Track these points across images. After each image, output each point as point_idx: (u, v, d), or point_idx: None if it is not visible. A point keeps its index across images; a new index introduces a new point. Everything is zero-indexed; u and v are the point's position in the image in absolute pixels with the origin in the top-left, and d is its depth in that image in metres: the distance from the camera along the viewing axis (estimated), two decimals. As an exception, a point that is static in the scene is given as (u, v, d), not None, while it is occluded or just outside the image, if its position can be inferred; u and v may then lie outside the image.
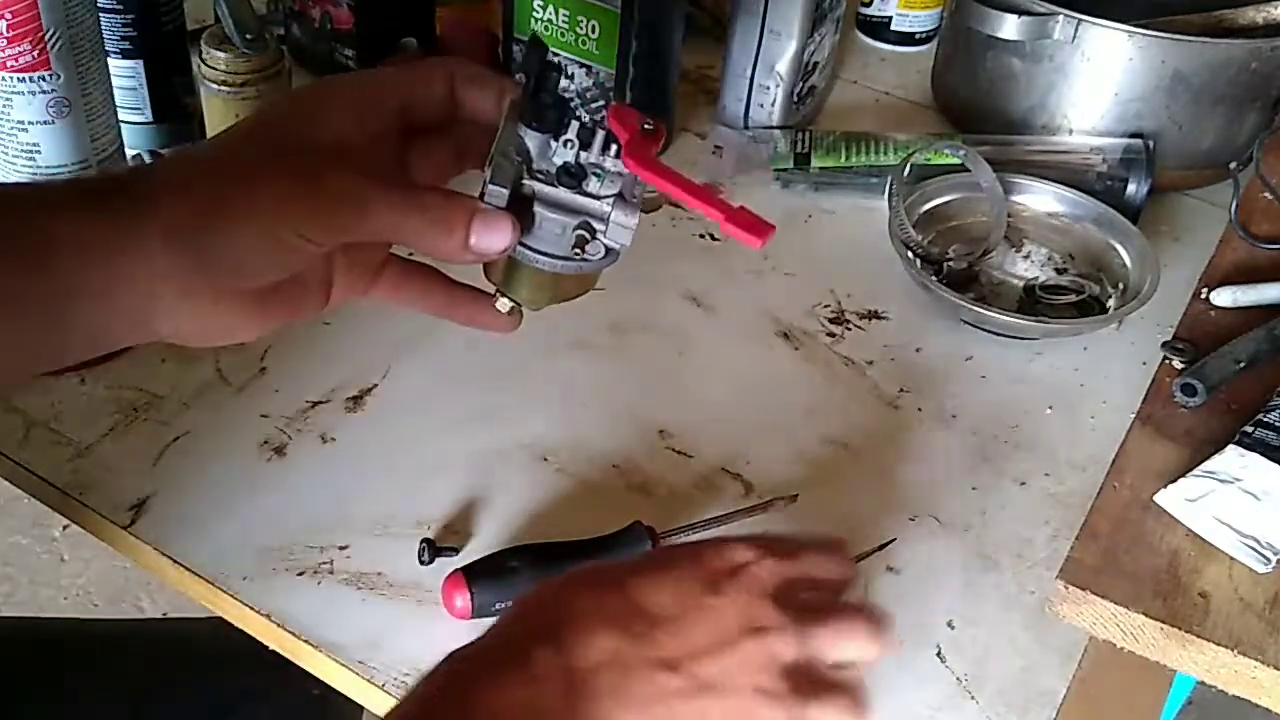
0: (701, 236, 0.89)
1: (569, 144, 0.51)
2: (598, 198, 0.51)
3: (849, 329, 0.83)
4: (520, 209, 0.51)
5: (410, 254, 0.55)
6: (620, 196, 0.51)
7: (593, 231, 0.51)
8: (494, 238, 0.49)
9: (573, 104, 0.91)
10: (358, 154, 0.50)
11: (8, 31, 0.70)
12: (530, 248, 0.52)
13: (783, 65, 0.97)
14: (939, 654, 0.63)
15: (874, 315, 0.84)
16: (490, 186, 0.49)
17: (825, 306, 0.84)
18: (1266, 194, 0.89)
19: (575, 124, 0.51)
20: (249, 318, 0.51)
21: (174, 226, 0.48)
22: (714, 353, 0.80)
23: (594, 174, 0.51)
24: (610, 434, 0.72)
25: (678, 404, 0.75)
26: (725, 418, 0.75)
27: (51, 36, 0.71)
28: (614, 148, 0.51)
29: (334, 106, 0.51)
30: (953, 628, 0.64)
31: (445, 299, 0.58)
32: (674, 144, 0.98)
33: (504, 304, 0.55)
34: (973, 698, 0.61)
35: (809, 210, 0.94)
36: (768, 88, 0.98)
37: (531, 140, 0.51)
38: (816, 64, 1.00)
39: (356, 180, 0.48)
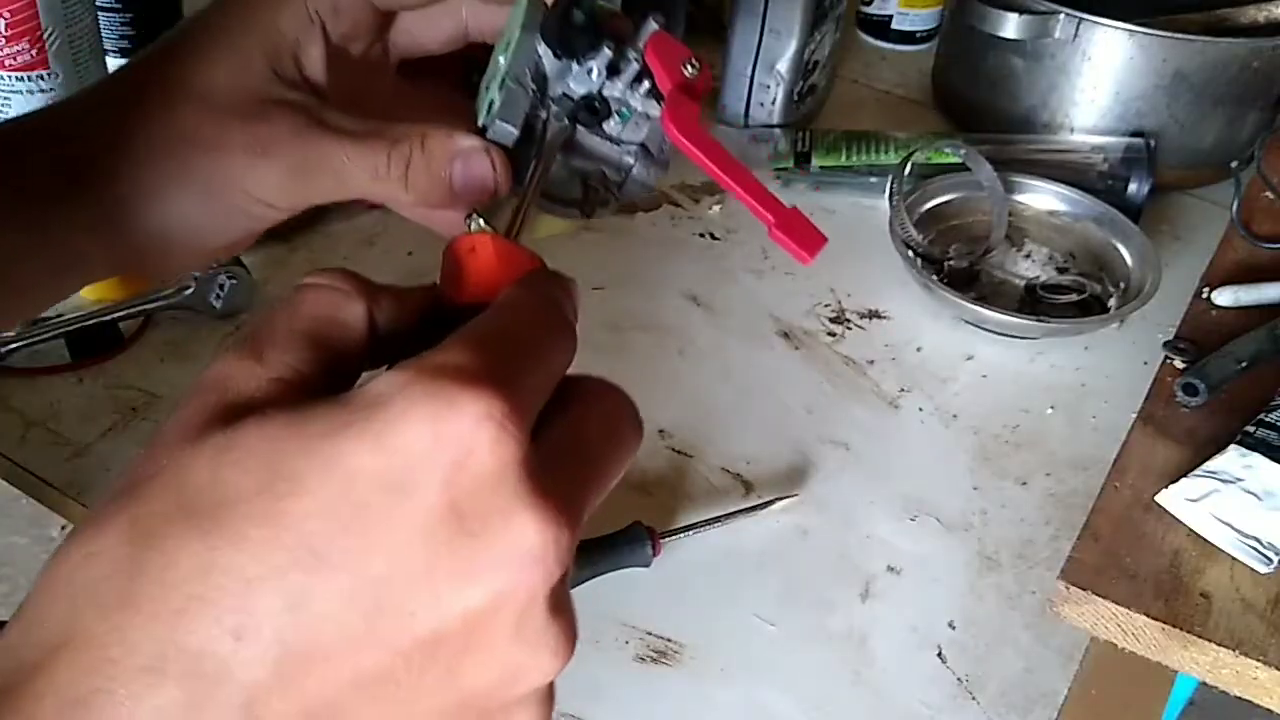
0: (701, 236, 0.89)
1: (593, 71, 0.43)
2: (618, 143, 0.44)
3: (849, 328, 0.82)
4: (523, 142, 0.43)
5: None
6: (644, 148, 0.44)
7: (606, 184, 0.44)
8: (482, 184, 0.43)
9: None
10: (311, 77, 0.45)
11: (6, 30, 0.70)
12: None
13: (783, 64, 0.96)
14: (940, 654, 0.62)
15: (874, 315, 0.84)
16: (498, 123, 0.42)
17: (826, 306, 0.84)
18: (1268, 193, 0.89)
19: (606, 50, 0.42)
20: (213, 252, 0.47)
21: (112, 208, 0.44)
22: (714, 353, 0.80)
23: (617, 112, 0.43)
24: (610, 434, 0.72)
25: (678, 404, 0.75)
26: (725, 418, 0.74)
27: (50, 36, 0.71)
28: (646, 83, 0.43)
29: (279, 14, 0.44)
30: (954, 628, 0.64)
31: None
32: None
33: (477, 225, 0.44)
34: (974, 698, 0.61)
35: (809, 209, 0.92)
36: (768, 87, 0.97)
37: (548, 61, 0.43)
38: (817, 63, 1.00)
39: (309, 129, 0.43)
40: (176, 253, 0.46)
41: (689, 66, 0.42)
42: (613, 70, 0.42)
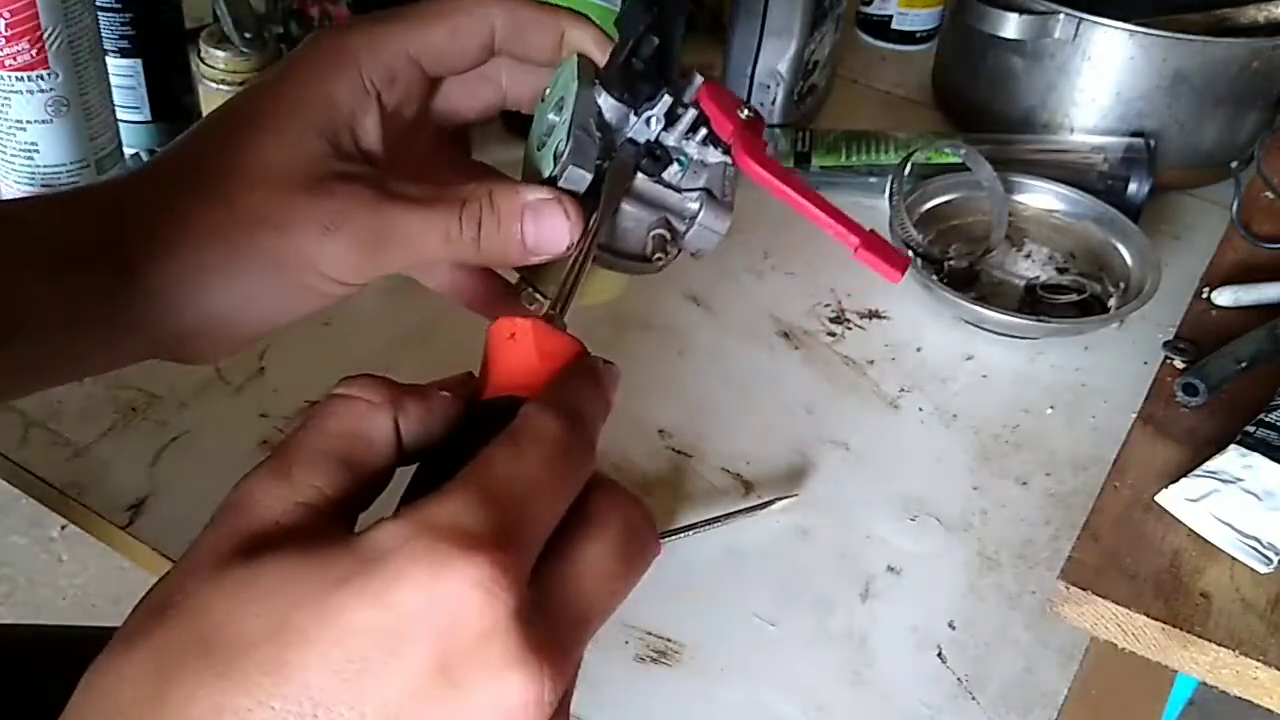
0: (701, 236, 0.89)
1: (652, 120, 0.43)
2: (680, 191, 0.43)
3: (849, 328, 0.82)
4: (587, 196, 0.42)
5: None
6: (708, 193, 0.44)
7: (673, 232, 0.44)
8: (555, 235, 0.42)
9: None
10: (365, 146, 0.44)
11: (6, 30, 0.70)
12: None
13: (783, 64, 0.96)
14: (940, 654, 0.62)
15: (874, 315, 0.84)
16: (571, 169, 0.41)
17: (825, 306, 0.84)
18: (1268, 193, 0.89)
19: (666, 97, 0.42)
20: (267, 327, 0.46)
21: (166, 296, 0.43)
22: (714, 353, 0.80)
23: (676, 159, 0.43)
24: (610, 434, 0.71)
25: (678, 404, 0.75)
26: (725, 418, 0.74)
27: (50, 35, 0.71)
28: (702, 132, 0.43)
29: (334, 87, 0.44)
30: (954, 628, 0.64)
31: (465, 284, 0.50)
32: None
33: (534, 299, 0.46)
34: (974, 698, 0.61)
35: (809, 209, 0.93)
36: (768, 87, 0.97)
37: (610, 111, 0.43)
38: (817, 63, 1.00)
39: (378, 200, 0.42)
40: (235, 332, 0.45)
41: (744, 110, 0.43)
42: (669, 119, 0.43)
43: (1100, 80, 0.92)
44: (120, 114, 0.81)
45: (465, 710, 0.29)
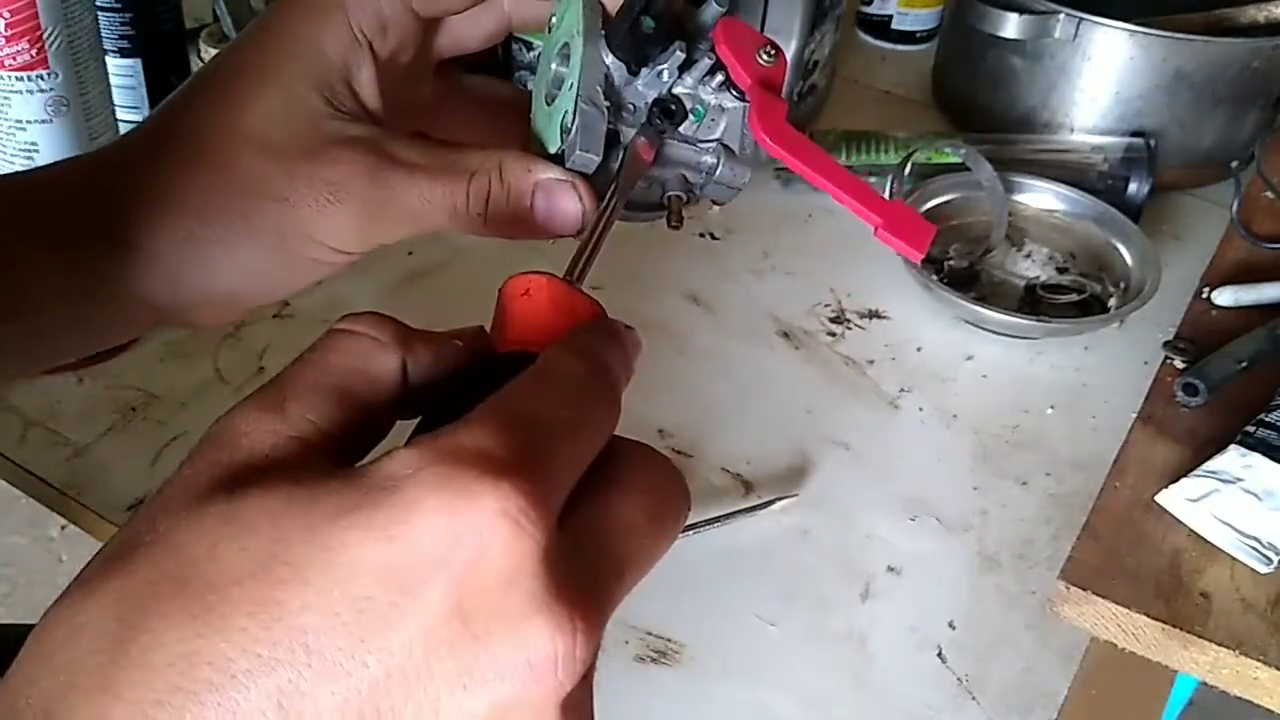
0: (702, 236, 0.89)
1: (664, 73, 0.40)
2: (696, 144, 0.41)
3: (849, 328, 0.82)
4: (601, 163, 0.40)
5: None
6: (725, 145, 0.41)
7: (689, 188, 0.42)
8: (566, 217, 0.40)
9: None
10: (363, 98, 0.42)
11: (6, 30, 0.70)
12: None
13: (783, 64, 0.96)
14: (940, 654, 0.62)
15: (874, 314, 0.84)
16: (579, 153, 0.39)
17: (825, 306, 0.84)
18: (1268, 193, 0.89)
19: (678, 52, 0.40)
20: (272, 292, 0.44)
21: (168, 268, 0.41)
22: (714, 352, 0.80)
23: (691, 110, 0.41)
24: (610, 434, 0.72)
25: (678, 404, 0.75)
26: (725, 418, 0.74)
27: (50, 35, 0.71)
28: (719, 76, 0.40)
29: (321, 38, 0.41)
30: (954, 628, 0.64)
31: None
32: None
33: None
34: (974, 698, 0.61)
35: (809, 209, 0.93)
36: (768, 87, 0.97)
37: (618, 72, 0.40)
38: (817, 63, 1.00)
39: (380, 169, 0.40)
40: (238, 303, 0.44)
41: (764, 54, 0.40)
42: (683, 66, 0.40)
43: (1100, 80, 0.92)
44: (120, 114, 0.81)
45: (483, 664, 0.25)
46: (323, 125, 0.41)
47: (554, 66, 0.42)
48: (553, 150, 0.41)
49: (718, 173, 0.41)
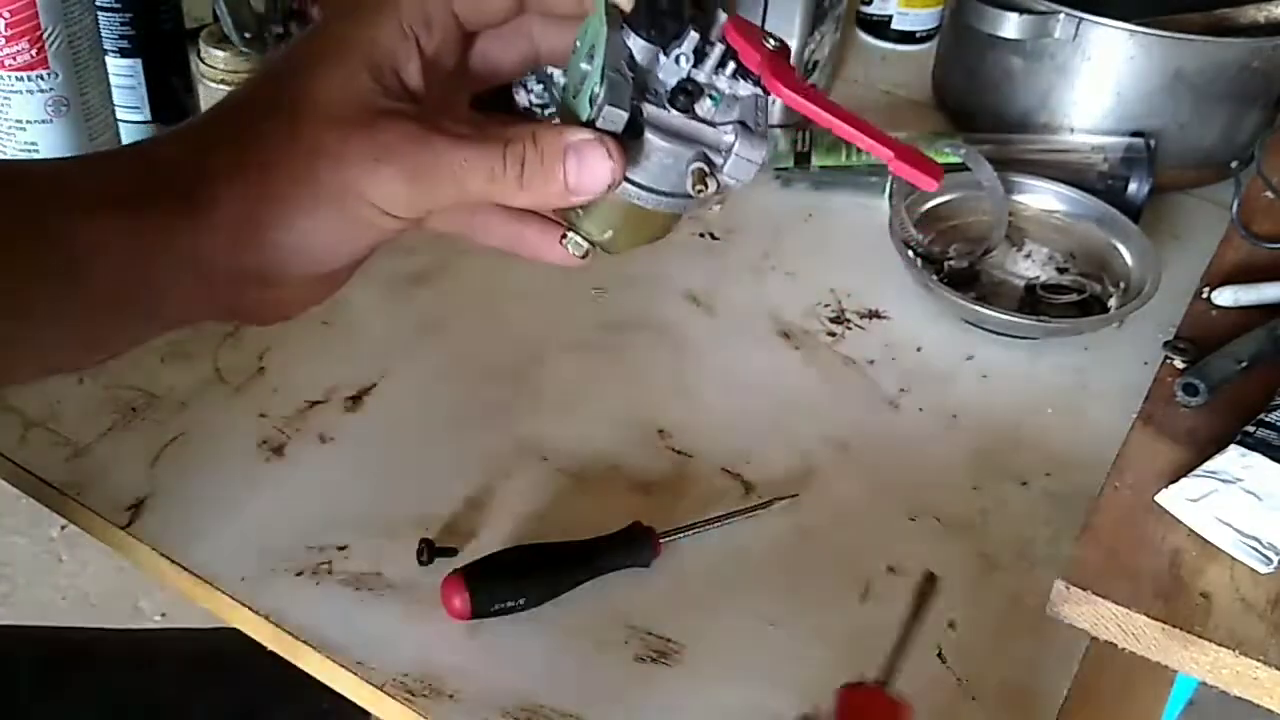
0: (701, 236, 0.89)
1: (681, 59, 0.44)
2: (714, 124, 0.45)
3: (849, 328, 0.82)
4: (626, 135, 0.44)
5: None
6: (742, 124, 0.45)
7: (711, 165, 0.44)
8: (596, 175, 0.43)
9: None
10: (408, 89, 0.46)
11: (6, 30, 0.70)
12: (634, 182, 0.45)
13: (783, 64, 0.96)
14: (940, 655, 0.62)
15: (874, 314, 0.84)
16: (608, 108, 0.42)
17: (825, 306, 0.84)
18: (1268, 193, 0.89)
19: (693, 35, 0.44)
20: (317, 290, 0.49)
21: (233, 229, 0.44)
22: (714, 353, 0.80)
23: (708, 95, 0.44)
24: (610, 434, 0.72)
25: (678, 404, 0.75)
26: (725, 418, 0.74)
27: (50, 35, 0.71)
28: (730, 66, 0.45)
29: (375, 30, 0.46)
30: (954, 628, 0.64)
31: (509, 229, 0.51)
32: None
33: (577, 244, 0.48)
34: (973, 698, 0.61)
35: (809, 209, 0.93)
36: (768, 87, 0.97)
37: (640, 52, 0.44)
38: (817, 63, 1.00)
39: (426, 135, 0.44)
40: (288, 268, 0.46)
41: (769, 40, 0.44)
42: (698, 56, 0.44)
43: (1100, 80, 0.92)
44: (120, 114, 0.81)
45: None
46: (376, 101, 0.45)
47: (581, 66, 0.46)
48: (584, 119, 0.44)
49: (735, 148, 0.44)
